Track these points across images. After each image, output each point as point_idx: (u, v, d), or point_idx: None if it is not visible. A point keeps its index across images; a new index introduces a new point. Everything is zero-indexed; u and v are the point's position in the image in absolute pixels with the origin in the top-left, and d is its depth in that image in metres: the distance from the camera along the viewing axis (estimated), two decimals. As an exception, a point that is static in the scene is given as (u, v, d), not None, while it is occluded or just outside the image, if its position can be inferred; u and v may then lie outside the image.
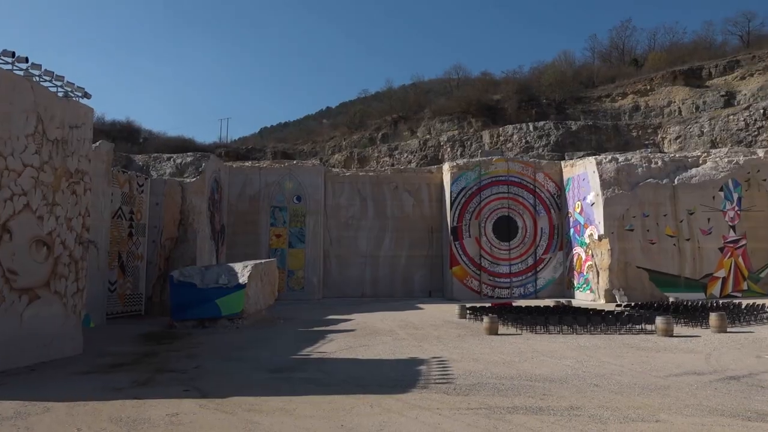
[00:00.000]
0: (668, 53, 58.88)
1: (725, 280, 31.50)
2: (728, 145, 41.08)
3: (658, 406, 8.36)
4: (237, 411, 8.57)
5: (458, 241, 35.45)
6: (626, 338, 15.95)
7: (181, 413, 8.45)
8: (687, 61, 53.46)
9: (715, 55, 54.02)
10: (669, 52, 59.22)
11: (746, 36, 58.90)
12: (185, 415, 8.34)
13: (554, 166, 37.10)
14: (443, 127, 56.54)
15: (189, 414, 8.42)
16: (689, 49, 58.31)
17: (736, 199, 32.05)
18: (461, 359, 12.85)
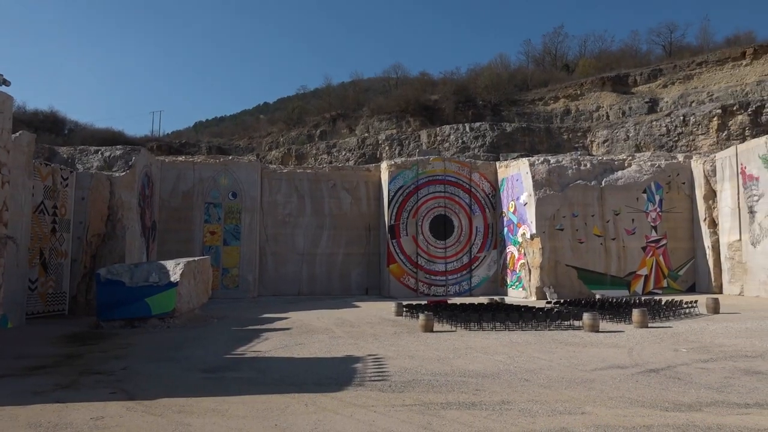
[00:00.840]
0: (597, 60, 61.38)
1: (647, 277, 33.12)
2: (651, 149, 43.20)
3: (583, 399, 8.69)
4: (166, 413, 8.31)
5: (395, 240, 35.71)
6: (555, 334, 16.49)
7: (106, 417, 8.12)
8: (615, 68, 55.88)
9: (641, 64, 56.71)
10: (598, 59, 61.74)
11: (669, 46, 62.15)
12: (111, 419, 8.01)
13: (489, 166, 37.95)
14: (382, 126, 56.79)
15: (115, 417, 8.10)
16: (617, 56, 61.01)
17: (657, 200, 33.74)
18: (397, 356, 12.95)
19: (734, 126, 42.25)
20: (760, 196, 29.29)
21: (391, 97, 60.11)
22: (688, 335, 15.69)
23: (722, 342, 14.28)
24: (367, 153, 53.10)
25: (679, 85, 49.52)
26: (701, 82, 48.52)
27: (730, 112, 42.83)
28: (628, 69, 54.59)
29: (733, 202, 31.29)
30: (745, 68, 46.90)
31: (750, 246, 29.97)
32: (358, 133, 57.35)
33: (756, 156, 29.75)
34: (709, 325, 17.72)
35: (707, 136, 43.15)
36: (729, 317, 19.90)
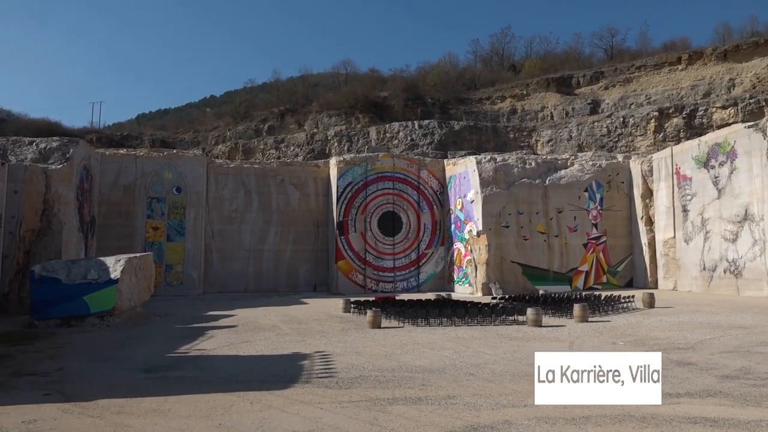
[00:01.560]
0: (543, 61, 62.91)
1: (588, 273, 34.22)
2: (593, 149, 44.62)
3: (526, 392, 8.89)
4: (105, 414, 8.04)
5: (344, 236, 35.64)
6: (500, 329, 16.83)
7: (39, 420, 7.78)
8: (559, 69, 57.41)
9: (583, 66, 58.48)
10: (543, 61, 63.29)
11: (610, 49, 64.28)
12: (45, 422, 7.68)
13: (437, 164, 38.34)
14: (331, 122, 56.53)
15: (49, 420, 7.78)
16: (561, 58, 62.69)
17: (598, 199, 34.88)
18: (344, 353, 12.93)
19: (670, 128, 44.09)
20: (693, 196, 30.70)
21: (341, 93, 59.94)
22: (625, 329, 16.29)
23: (657, 335, 14.89)
24: (316, 149, 52.78)
25: (619, 88, 51.32)
26: (640, 85, 50.42)
27: (666, 114, 44.68)
28: (571, 71, 56.21)
29: (668, 201, 32.67)
30: (681, 73, 49.02)
31: (683, 243, 31.38)
32: (306, 129, 56.93)
33: (690, 157, 31.14)
34: (644, 319, 18.44)
35: (645, 138, 44.90)
36: (663, 311, 20.77)
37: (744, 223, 27.23)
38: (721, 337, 14.14)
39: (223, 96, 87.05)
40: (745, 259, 27.04)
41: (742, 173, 27.44)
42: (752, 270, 26.57)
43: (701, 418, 7.26)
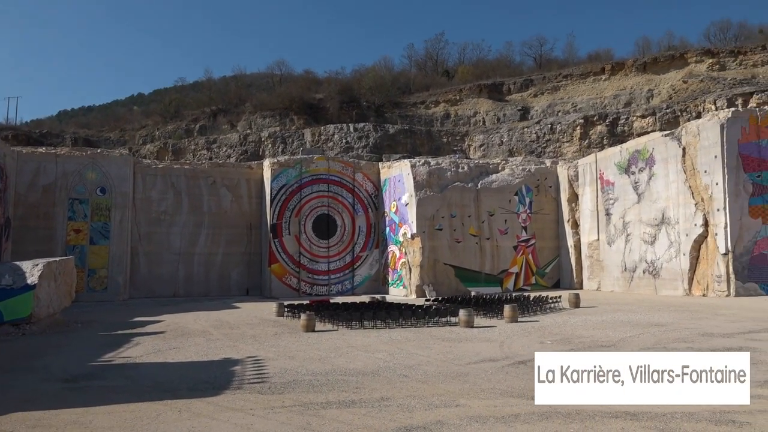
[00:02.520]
0: (475, 68, 64.32)
1: (518, 275, 35.21)
2: (523, 154, 46.03)
3: (458, 392, 9.04)
4: (19, 428, 7.57)
5: (277, 239, 35.17)
6: (434, 330, 17.03)
7: (-55, 437, 7.24)
8: (491, 76, 58.85)
9: (514, 73, 60.21)
10: (476, 67, 64.71)
11: (539, 58, 66.49)
12: (-49, 439, 7.16)
13: (372, 166, 38.49)
14: (265, 123, 55.73)
15: (-44, 437, 7.25)
16: (493, 65, 64.29)
17: (528, 203, 35.98)
18: (277, 357, 12.74)
19: (594, 135, 46.08)
20: (615, 200, 32.17)
21: (275, 94, 59.20)
22: (552, 328, 16.85)
23: (581, 333, 15.48)
24: (249, 150, 51.88)
25: (547, 95, 53.18)
26: (567, 93, 52.43)
27: (591, 122, 46.67)
28: (502, 78, 57.77)
29: (593, 204, 34.10)
30: (604, 83, 51.33)
31: (606, 245, 32.81)
32: (240, 130, 55.87)
33: (612, 163, 32.62)
34: (570, 319, 19.14)
35: (571, 144, 46.72)
36: (588, 311, 21.62)
37: (661, 226, 28.77)
38: (640, 335, 14.85)
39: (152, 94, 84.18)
40: (662, 261, 28.56)
41: (660, 179, 28.99)
42: (669, 270, 28.10)
43: (622, 412, 7.59)
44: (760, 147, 25.79)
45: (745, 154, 25.66)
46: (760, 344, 12.69)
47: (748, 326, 15.67)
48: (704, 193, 26.39)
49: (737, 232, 25.16)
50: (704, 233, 26.31)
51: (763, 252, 25.27)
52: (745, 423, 6.96)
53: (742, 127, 25.79)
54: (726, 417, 7.21)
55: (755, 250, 25.24)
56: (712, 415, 7.31)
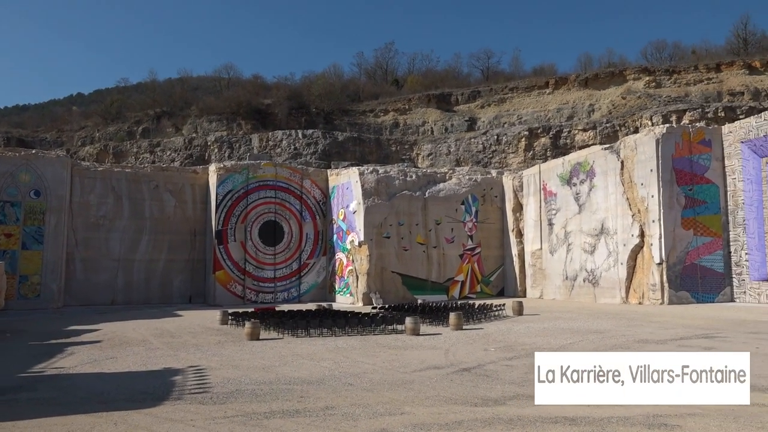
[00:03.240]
0: (424, 78, 65.11)
1: (463, 283, 35.69)
2: (469, 164, 46.83)
3: (403, 400, 9.06)
4: (-62, 445, 7.12)
5: (222, 245, 34.49)
6: (380, 338, 17.04)
7: None
8: (439, 86, 59.70)
9: (462, 85, 61.29)
10: (425, 77, 65.53)
11: (486, 71, 67.91)
12: None
13: (321, 173, 38.34)
14: (211, 127, 54.72)
15: None
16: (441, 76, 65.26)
17: (474, 212, 36.58)
18: (220, 367, 12.46)
19: (538, 147, 47.35)
20: (558, 210, 33.10)
21: (222, 98, 58.25)
22: (496, 335, 17.14)
23: (524, 341, 15.81)
24: (194, 154, 50.82)
25: (494, 107, 54.34)
26: (512, 105, 53.72)
27: (535, 134, 47.95)
28: (451, 88, 58.69)
29: (536, 214, 34.98)
30: (548, 96, 52.87)
31: (549, 254, 33.69)
32: (185, 133, 54.65)
33: (555, 174, 33.59)
34: (514, 326, 19.52)
35: (516, 155, 47.85)
36: (531, 318, 22.12)
37: (600, 236, 29.77)
38: (580, 341, 15.29)
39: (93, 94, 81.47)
40: (601, 269, 29.54)
41: (600, 190, 30.02)
42: (607, 279, 29.09)
43: (561, 417, 7.78)
44: (692, 162, 27.09)
45: (679, 169, 26.90)
46: (691, 351, 13.25)
47: (679, 333, 16.37)
48: (641, 205, 27.49)
49: (671, 243, 26.30)
50: (640, 243, 27.37)
51: (694, 262, 26.49)
52: (676, 426, 7.25)
53: (676, 143, 27.02)
54: (659, 420, 7.49)
55: (687, 260, 26.44)
56: (646, 419, 7.57)
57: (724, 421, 7.42)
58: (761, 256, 25.32)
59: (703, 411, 7.71)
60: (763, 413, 7.63)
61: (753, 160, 25.83)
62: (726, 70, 48.14)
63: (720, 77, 47.85)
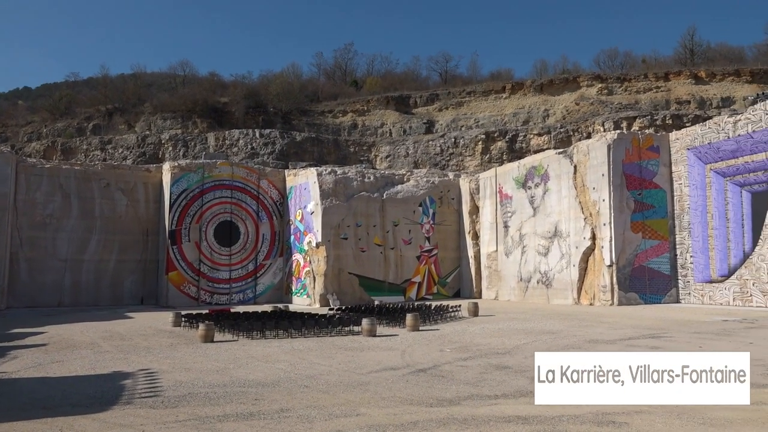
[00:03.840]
0: (383, 80, 65.31)
1: (420, 284, 35.93)
2: (427, 166, 47.17)
3: (359, 401, 9.05)
4: None
5: (176, 246, 33.77)
6: (336, 340, 16.98)
7: None
8: (398, 89, 59.98)
9: (420, 87, 61.74)
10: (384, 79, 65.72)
11: (444, 74, 68.59)
12: None
13: (278, 174, 37.99)
14: (165, 125, 53.56)
15: None
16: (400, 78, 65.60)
17: (431, 214, 36.87)
18: (172, 370, 12.19)
19: (495, 150, 48.08)
20: (513, 213, 33.68)
21: (178, 95, 57.06)
22: (452, 336, 17.31)
23: (479, 341, 16.02)
24: (147, 152, 49.62)
25: (452, 110, 54.91)
26: (470, 109, 54.39)
27: (492, 138, 48.67)
28: (409, 91, 59.04)
29: (492, 217, 35.50)
30: (505, 101, 53.75)
31: (504, 256, 34.24)
32: (138, 131, 53.31)
33: (510, 178, 34.17)
34: (469, 327, 19.75)
35: (473, 158, 48.47)
36: (486, 319, 22.42)
37: (554, 238, 30.43)
38: (533, 342, 15.58)
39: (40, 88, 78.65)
40: (555, 271, 30.19)
41: (553, 194, 30.69)
42: (560, 281, 29.75)
43: (514, 416, 7.91)
44: (641, 167, 27.98)
45: (629, 174, 27.74)
46: (638, 350, 13.68)
47: (628, 333, 16.87)
48: (592, 209, 28.22)
49: (620, 246, 27.09)
50: (592, 246, 28.10)
51: (643, 264, 27.36)
52: (624, 423, 7.46)
53: (626, 149, 27.87)
54: (607, 418, 7.70)
55: (636, 263, 27.28)
56: (596, 417, 7.77)
57: (668, 418, 7.68)
58: (705, 258, 26.34)
59: (650, 409, 7.96)
60: (704, 410, 7.93)
61: (698, 167, 26.86)
62: (674, 80, 49.93)
63: (668, 86, 49.59)
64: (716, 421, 7.46)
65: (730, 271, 25.18)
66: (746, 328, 17.22)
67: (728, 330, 16.93)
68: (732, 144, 25.03)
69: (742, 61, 55.83)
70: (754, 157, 24.17)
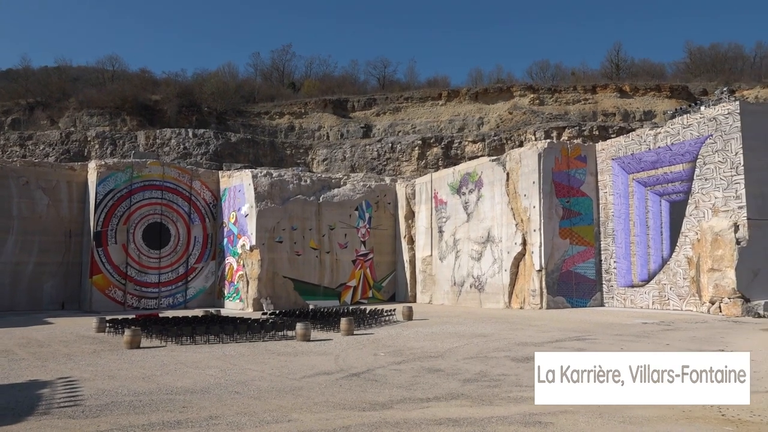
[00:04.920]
0: (321, 82, 65.09)
1: (356, 288, 35.93)
2: (364, 170, 47.30)
3: (291, 407, 8.94)
4: None
5: (102, 248, 32.38)
6: (269, 345, 16.72)
7: None
8: (336, 92, 59.92)
9: (358, 92, 61.91)
10: (322, 82, 65.52)
11: (382, 79, 69.08)
12: None
13: (212, 175, 37.12)
14: (92, 121, 51.37)
15: None
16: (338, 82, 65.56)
17: (367, 218, 36.96)
18: (94, 378, 11.66)
19: (431, 156, 48.76)
20: (448, 218, 34.23)
21: (106, 91, 54.83)
22: (386, 340, 17.38)
23: (413, 345, 16.16)
24: (72, 149, 47.40)
25: (389, 115, 55.33)
26: (407, 115, 54.99)
27: (428, 143, 49.35)
28: (347, 95, 59.10)
29: (427, 222, 35.97)
30: (441, 107, 54.65)
31: (438, 260, 34.73)
32: (61, 127, 50.85)
33: (445, 183, 34.73)
34: (403, 331, 19.90)
35: (410, 163, 48.97)
36: (420, 323, 22.65)
37: (487, 244, 31.14)
38: (465, 345, 15.86)
39: (-47, 79, 73.53)
40: (487, 276, 30.89)
41: (487, 200, 31.42)
42: (492, 285, 30.46)
43: (445, 419, 8.02)
44: (569, 176, 29.07)
45: (558, 182, 28.76)
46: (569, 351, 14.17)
47: (555, 336, 17.45)
48: (523, 215, 29.07)
49: (549, 251, 28.02)
50: (523, 251, 28.93)
51: (570, 269, 28.41)
52: (549, 423, 7.70)
53: (555, 158, 28.88)
54: (534, 419, 7.93)
55: (564, 267, 28.28)
56: (523, 417, 7.99)
57: (591, 417, 7.98)
58: (627, 264, 27.63)
59: (574, 409, 8.26)
60: (624, 410, 8.30)
61: (622, 176, 28.16)
62: (600, 92, 52.24)
63: (595, 98, 51.84)
64: (635, 420, 7.82)
65: (649, 276, 26.51)
66: (663, 330, 18.16)
67: (647, 332, 17.80)
68: (653, 155, 26.40)
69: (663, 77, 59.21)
70: (673, 168, 25.58)
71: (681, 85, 52.52)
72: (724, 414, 7.99)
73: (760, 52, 64.98)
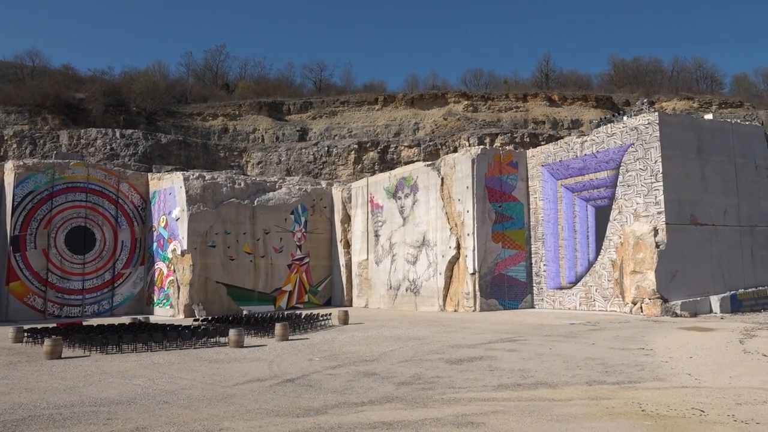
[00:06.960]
0: (256, 84, 64.15)
1: (291, 293, 35.52)
2: (300, 174, 46.92)
3: (222, 415, 8.73)
4: None
5: (19, 253, 30.62)
6: (201, 352, 16.28)
7: None
8: (271, 95, 59.18)
9: (294, 95, 61.40)
10: (257, 84, 64.57)
11: (319, 83, 68.84)
12: None
13: (141, 177, 35.82)
14: (9, 119, 48.62)
15: None
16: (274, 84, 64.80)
17: (303, 222, 36.64)
18: (10, 391, 11.00)
19: (367, 160, 48.93)
20: (384, 222, 34.41)
21: (25, 88, 52.00)
22: (321, 345, 17.27)
23: (348, 349, 16.13)
24: (-13, 149, 44.66)
25: (326, 119, 55.15)
26: (344, 119, 54.96)
27: (364, 148, 49.51)
28: (283, 97, 58.48)
29: (364, 226, 36.02)
30: (377, 112, 54.95)
31: (374, 264, 34.84)
32: (-24, 125, 47.78)
33: (381, 188, 34.91)
34: (339, 335, 19.83)
35: (346, 167, 48.97)
36: (356, 327, 22.63)
37: (422, 247, 31.50)
38: (400, 348, 15.97)
39: None
40: (422, 279, 31.24)
41: (422, 205, 31.80)
42: (427, 288, 30.82)
43: (380, 422, 8.04)
44: (502, 181, 29.85)
45: (491, 187, 29.46)
46: (497, 353, 14.53)
47: (488, 338, 17.84)
48: (457, 219, 29.61)
49: (482, 255, 28.64)
50: (457, 255, 29.44)
51: (502, 272, 29.13)
52: (481, 424, 7.86)
53: (488, 163, 29.58)
54: (466, 419, 8.07)
55: (496, 271, 28.98)
56: (456, 419, 8.12)
57: (521, 416, 8.20)
58: (556, 267, 28.61)
59: (505, 408, 8.46)
60: (552, 407, 8.57)
61: (551, 182, 29.17)
62: (531, 101, 53.99)
63: (526, 106, 53.52)
64: (562, 417, 8.09)
65: (577, 278, 27.55)
66: (589, 331, 18.90)
67: (574, 332, 18.48)
68: (579, 162, 27.49)
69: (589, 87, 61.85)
70: (598, 175, 26.71)
71: (606, 96, 55.02)
72: (644, 409, 8.40)
73: (677, 66, 69.06)
